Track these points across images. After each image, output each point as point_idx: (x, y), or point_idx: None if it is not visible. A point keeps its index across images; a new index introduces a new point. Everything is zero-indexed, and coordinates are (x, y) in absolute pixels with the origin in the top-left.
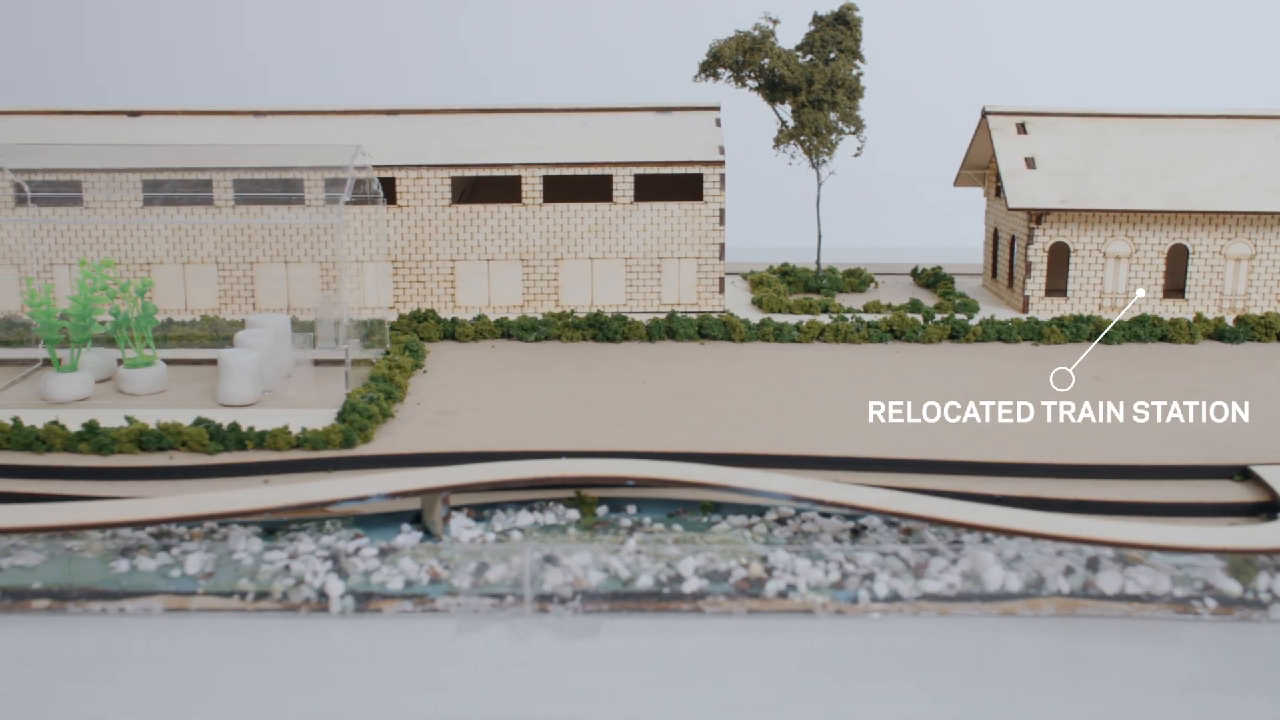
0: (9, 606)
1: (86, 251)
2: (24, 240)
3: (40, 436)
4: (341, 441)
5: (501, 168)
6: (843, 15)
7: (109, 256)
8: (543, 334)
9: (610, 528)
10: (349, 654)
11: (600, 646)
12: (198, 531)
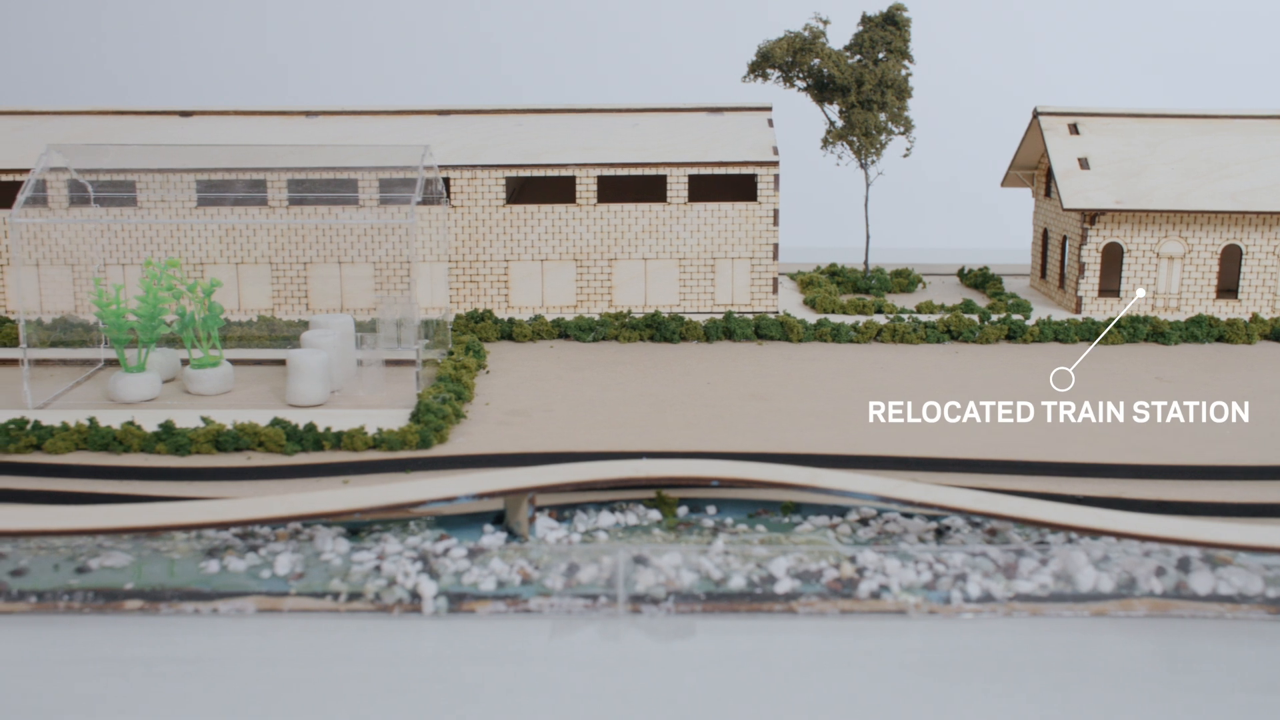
0: (101, 607)
1: (141, 252)
2: (87, 241)
3: (117, 437)
4: (418, 442)
5: (556, 168)
6: (892, 15)
7: (164, 257)
8: (600, 334)
9: (694, 528)
10: (444, 655)
11: (695, 648)
12: (283, 532)
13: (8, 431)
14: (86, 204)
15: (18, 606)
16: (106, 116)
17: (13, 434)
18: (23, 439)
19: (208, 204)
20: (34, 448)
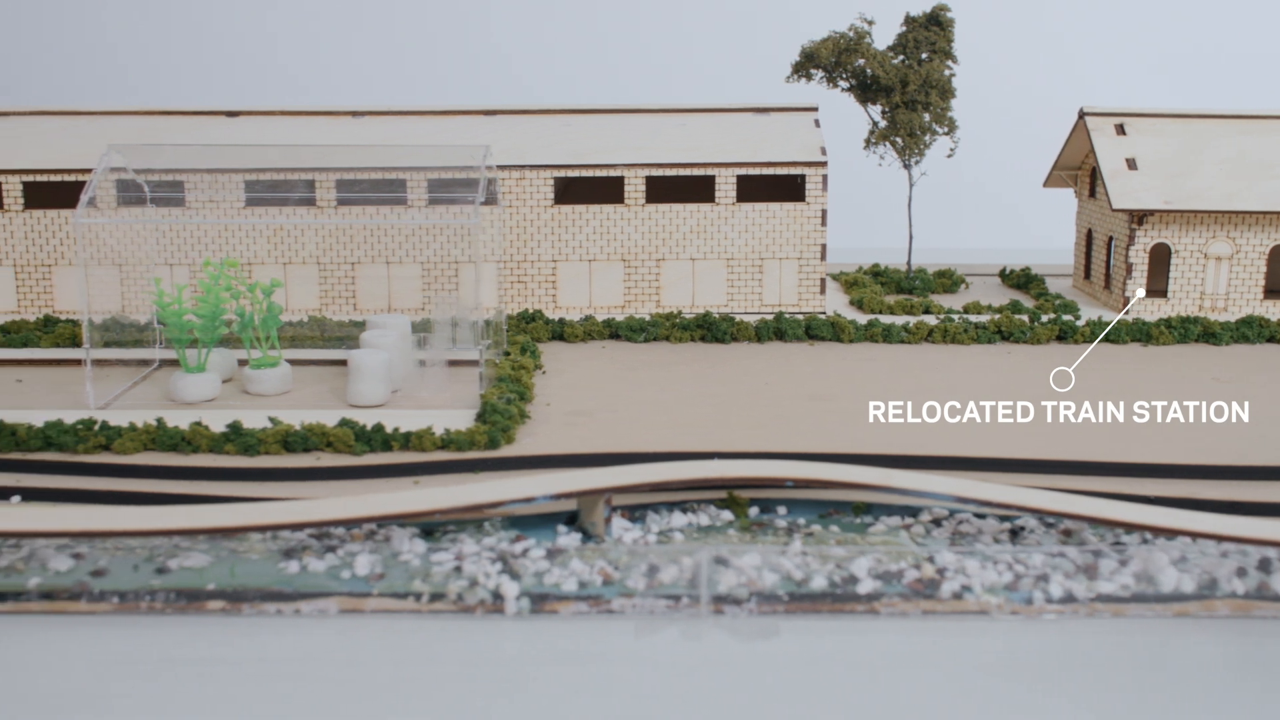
0: (184, 608)
1: (188, 252)
2: (137, 241)
3: (186, 437)
4: (486, 443)
5: (605, 168)
6: (936, 16)
7: (212, 257)
8: (652, 335)
9: (767, 529)
10: (528, 656)
11: (778, 648)
12: (358, 533)
13: (76, 431)
14: (141, 204)
15: (100, 607)
16: (153, 116)
17: (81, 434)
18: (91, 439)
19: (257, 204)
20: (102, 448)
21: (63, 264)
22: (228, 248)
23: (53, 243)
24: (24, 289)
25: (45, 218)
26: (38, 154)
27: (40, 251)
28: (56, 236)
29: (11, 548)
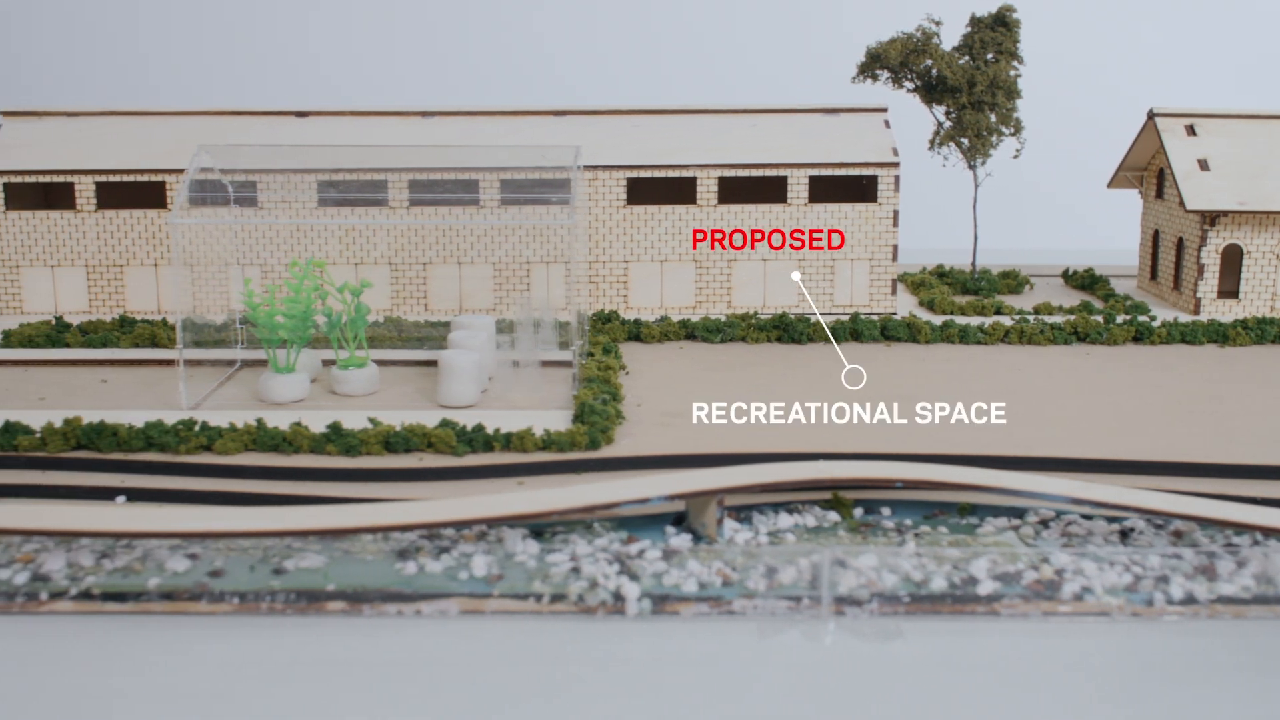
0: (304, 608)
1: (259, 253)
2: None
3: (287, 438)
4: (587, 443)
5: (677, 168)
6: (1002, 17)
7: (285, 258)
8: (728, 335)
9: (876, 529)
10: (652, 656)
11: (901, 649)
12: (469, 533)
13: (177, 432)
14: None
15: (220, 608)
16: (223, 117)
17: (182, 434)
18: (192, 439)
19: (329, 204)
20: (204, 448)
21: (134, 264)
22: (299, 248)
23: (125, 243)
24: (95, 289)
25: (117, 218)
26: (109, 154)
27: (112, 252)
28: (129, 237)
29: (125, 548)
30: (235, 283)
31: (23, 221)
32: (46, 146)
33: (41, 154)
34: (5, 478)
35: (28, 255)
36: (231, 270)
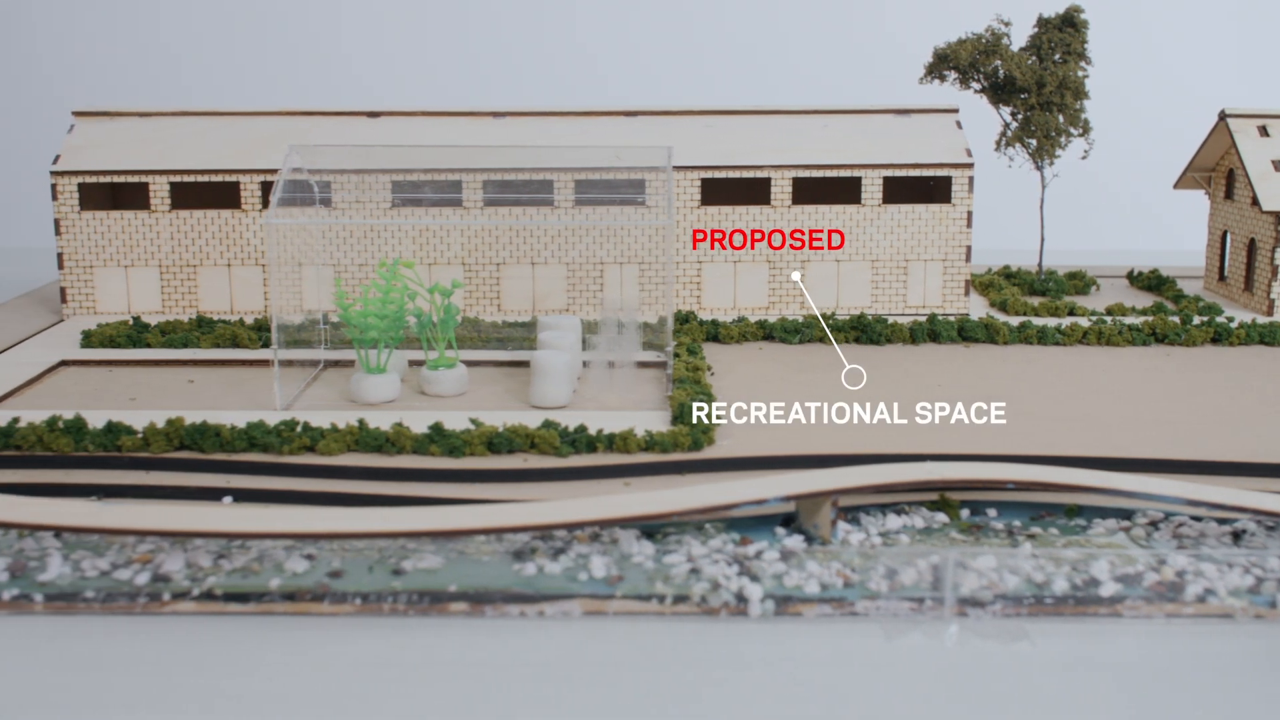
0: (426, 609)
1: (335, 253)
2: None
3: (389, 438)
4: (690, 444)
5: (752, 169)
6: (1070, 17)
7: (355, 258)
8: (806, 336)
9: (986, 530)
10: (779, 657)
11: (1026, 650)
12: (582, 535)
13: (279, 433)
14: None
15: (343, 609)
16: (294, 117)
17: (284, 435)
18: (295, 440)
19: (403, 204)
20: (307, 449)
21: (208, 264)
22: (373, 248)
23: (199, 243)
24: (169, 289)
25: (191, 218)
26: (183, 155)
27: (185, 252)
28: (202, 237)
29: (240, 548)
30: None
31: (96, 222)
32: (119, 147)
33: (115, 155)
34: (109, 478)
35: (101, 255)
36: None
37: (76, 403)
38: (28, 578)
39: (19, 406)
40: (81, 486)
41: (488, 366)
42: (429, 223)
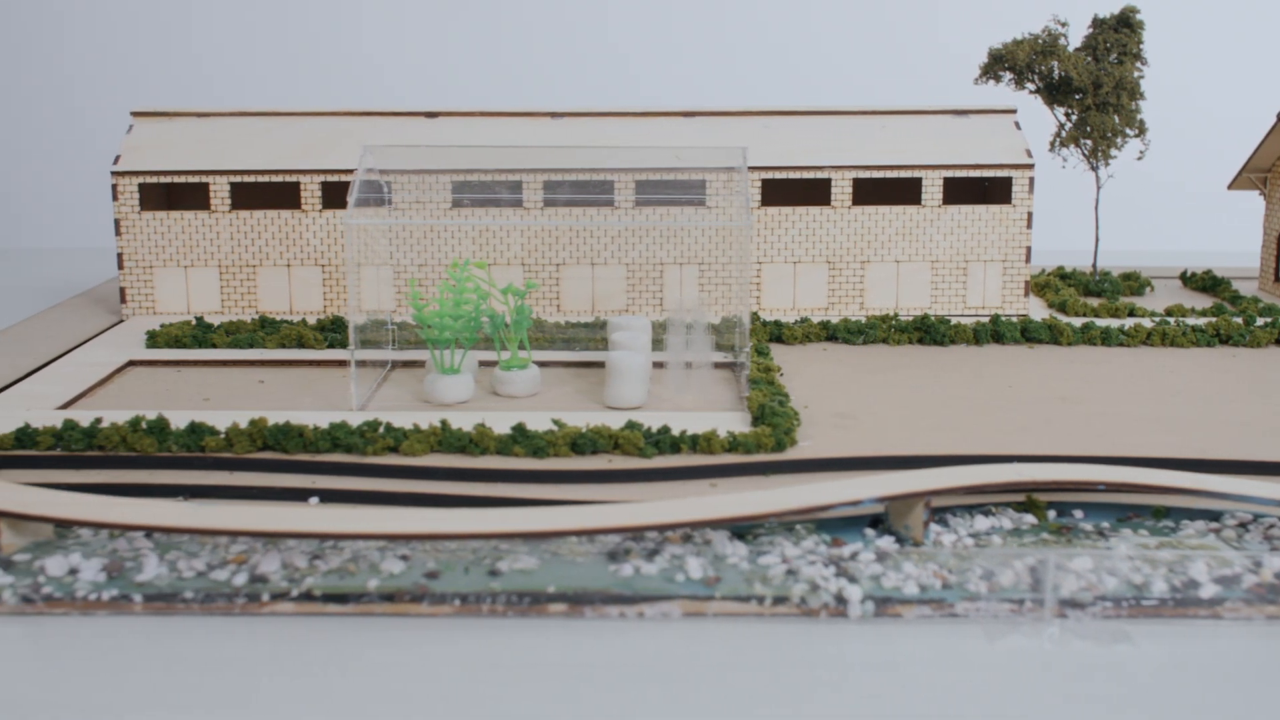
0: (525, 610)
1: (395, 253)
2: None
3: (473, 439)
4: (773, 445)
5: (812, 170)
6: (1125, 18)
7: (417, 258)
8: (870, 337)
9: (1075, 532)
10: (882, 659)
11: (1131, 653)
12: (674, 536)
13: (362, 434)
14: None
15: (442, 609)
16: (352, 117)
17: (368, 436)
18: (378, 441)
19: (462, 205)
20: (390, 449)
21: (267, 264)
22: (433, 248)
23: (258, 243)
24: (228, 289)
25: (251, 218)
26: (243, 155)
27: (245, 252)
28: (262, 237)
29: (333, 549)
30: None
31: (156, 222)
32: (179, 147)
33: (175, 155)
34: (193, 478)
35: (161, 255)
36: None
37: (150, 403)
38: (125, 578)
39: (93, 407)
40: (166, 487)
41: (556, 367)
42: (509, 223)
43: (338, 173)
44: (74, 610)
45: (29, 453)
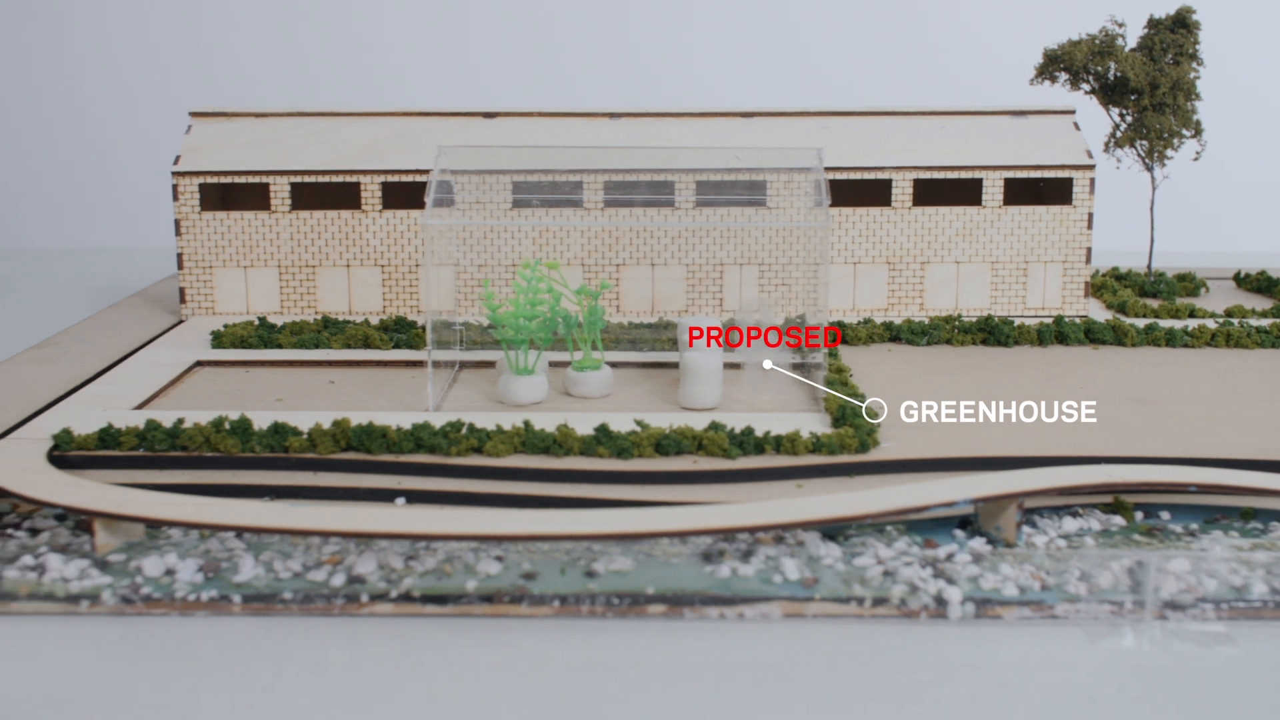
0: (624, 611)
1: (454, 253)
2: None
3: (557, 440)
4: (857, 447)
5: (872, 170)
6: (1182, 18)
7: (477, 258)
8: (934, 338)
9: (1165, 533)
10: (986, 661)
11: (1235, 655)
12: (765, 537)
13: (446, 434)
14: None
15: (541, 610)
16: (410, 118)
17: (452, 436)
18: (462, 442)
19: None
20: (474, 450)
21: (326, 265)
22: (493, 249)
23: (318, 244)
24: (287, 289)
25: (311, 219)
26: (303, 155)
27: (305, 252)
28: (322, 238)
29: (425, 549)
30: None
31: (216, 222)
32: (238, 148)
33: (235, 155)
34: (277, 479)
35: (220, 255)
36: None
37: (222, 403)
38: (222, 579)
39: (167, 407)
40: (250, 487)
41: (625, 368)
42: (593, 224)
43: (398, 173)
44: (173, 611)
45: (111, 453)
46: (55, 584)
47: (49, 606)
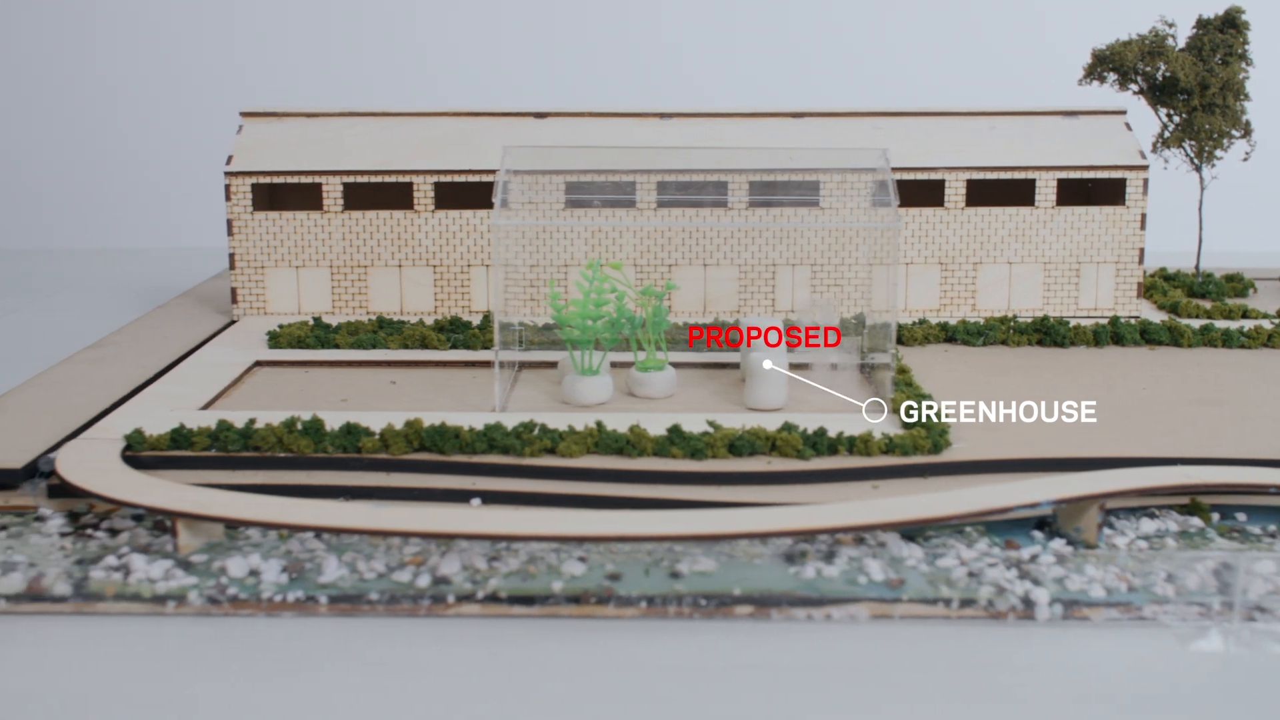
0: (711, 612)
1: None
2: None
3: (630, 440)
4: (930, 448)
5: (925, 171)
6: (1231, 18)
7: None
8: (990, 339)
9: (1246, 534)
10: (1075, 662)
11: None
12: (846, 538)
13: (519, 435)
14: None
15: (627, 611)
16: (461, 118)
17: (525, 437)
18: (535, 443)
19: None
20: (548, 451)
21: (378, 265)
22: (545, 249)
23: (370, 244)
24: (339, 289)
25: (364, 219)
26: (355, 156)
27: (357, 253)
28: (374, 238)
29: (507, 550)
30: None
31: (269, 222)
32: (290, 148)
33: (287, 155)
34: (350, 479)
35: (273, 256)
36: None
37: (286, 403)
38: (307, 579)
39: (232, 407)
40: (324, 488)
41: (687, 368)
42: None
43: (451, 173)
44: (259, 612)
45: (183, 453)
46: (141, 584)
47: (135, 607)
